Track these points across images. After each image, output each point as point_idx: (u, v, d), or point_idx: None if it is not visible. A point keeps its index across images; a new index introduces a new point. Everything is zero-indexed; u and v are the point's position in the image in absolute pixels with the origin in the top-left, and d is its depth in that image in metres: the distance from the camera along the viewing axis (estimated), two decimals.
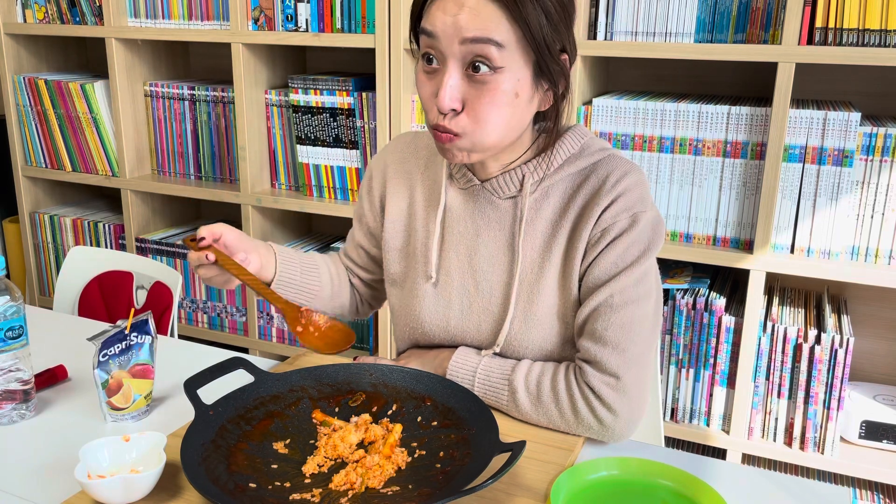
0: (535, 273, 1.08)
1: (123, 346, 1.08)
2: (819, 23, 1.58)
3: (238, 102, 2.16)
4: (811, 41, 1.60)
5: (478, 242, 1.11)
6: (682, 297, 1.81)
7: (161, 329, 1.66)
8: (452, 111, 0.97)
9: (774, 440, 1.80)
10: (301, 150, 2.15)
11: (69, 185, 2.70)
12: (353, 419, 1.03)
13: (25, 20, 2.45)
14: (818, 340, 1.71)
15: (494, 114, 0.97)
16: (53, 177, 2.54)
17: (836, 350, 1.69)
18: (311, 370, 1.10)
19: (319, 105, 2.09)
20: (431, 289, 1.15)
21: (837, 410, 1.72)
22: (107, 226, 2.52)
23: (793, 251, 1.72)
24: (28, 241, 2.63)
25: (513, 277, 1.09)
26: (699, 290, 1.84)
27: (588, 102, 1.85)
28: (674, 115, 1.74)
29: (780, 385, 1.76)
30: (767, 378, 1.77)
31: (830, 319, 1.77)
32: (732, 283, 1.95)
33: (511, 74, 0.95)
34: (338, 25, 2.03)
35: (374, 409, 1.06)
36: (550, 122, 1.05)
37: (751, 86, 1.94)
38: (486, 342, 1.12)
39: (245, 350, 2.32)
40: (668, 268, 1.92)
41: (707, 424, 1.86)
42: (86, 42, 2.72)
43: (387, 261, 1.21)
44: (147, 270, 1.77)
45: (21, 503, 0.92)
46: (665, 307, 1.81)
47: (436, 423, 1.01)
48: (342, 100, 2.06)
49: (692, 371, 1.84)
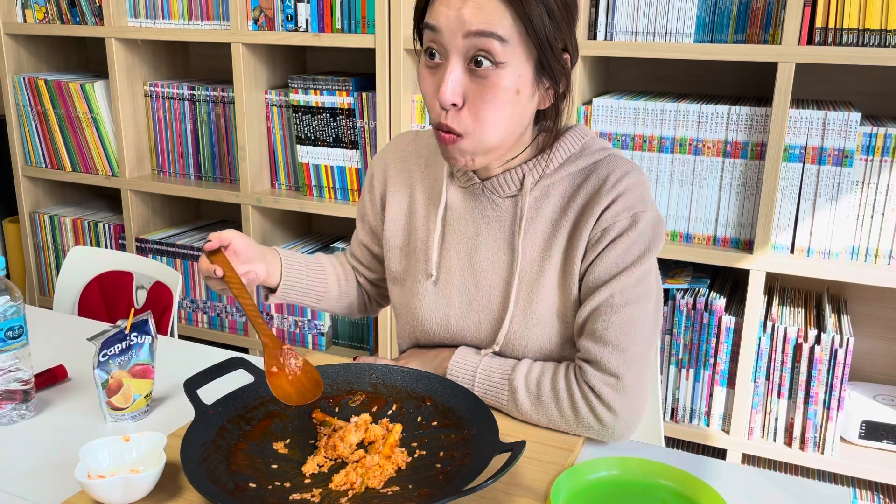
0: (535, 272, 1.08)
1: (123, 346, 1.08)
2: (819, 23, 1.58)
3: (238, 102, 2.16)
4: (811, 41, 1.60)
5: (478, 241, 1.12)
6: (682, 297, 1.81)
7: (161, 329, 1.66)
8: (454, 106, 0.97)
9: (774, 440, 1.80)
10: (301, 150, 2.15)
11: (69, 185, 2.70)
12: (353, 419, 1.03)
13: (25, 20, 2.45)
14: (818, 340, 1.71)
15: (495, 111, 0.97)
16: (53, 177, 2.54)
17: (836, 350, 1.69)
18: None
19: (319, 105, 2.09)
20: (432, 287, 1.15)
21: (837, 410, 1.72)
22: (107, 226, 2.52)
23: (793, 251, 1.72)
24: (28, 241, 2.63)
25: (512, 276, 1.09)
26: (699, 290, 1.84)
27: (588, 102, 1.85)
28: (674, 115, 1.74)
29: (780, 385, 1.76)
30: (767, 378, 1.77)
31: (830, 319, 1.77)
32: (732, 283, 1.95)
33: (513, 70, 0.95)
34: (338, 25, 2.03)
35: (374, 409, 1.06)
36: (550, 122, 1.05)
37: (751, 86, 1.94)
38: (486, 340, 1.12)
39: (245, 350, 2.33)
40: (668, 268, 1.92)
41: (707, 424, 1.86)
42: (86, 42, 2.72)
43: (388, 259, 1.22)
44: (147, 270, 1.77)
45: (21, 503, 0.92)
46: (665, 307, 1.81)
47: (436, 423, 1.01)
48: (342, 100, 2.06)
49: (692, 371, 1.84)
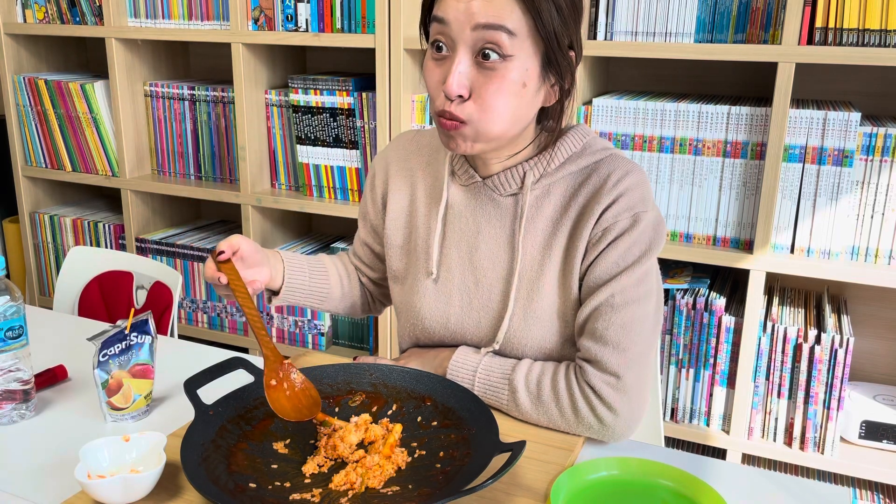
0: (536, 271, 1.08)
1: (123, 346, 1.08)
2: (819, 23, 1.58)
3: (238, 102, 2.16)
4: (811, 41, 1.60)
5: (478, 239, 1.12)
6: (682, 297, 1.81)
7: (161, 329, 1.66)
8: (459, 97, 0.97)
9: (774, 440, 1.80)
10: (301, 150, 2.15)
11: (69, 185, 2.70)
12: (353, 419, 1.03)
13: (25, 20, 2.45)
14: (818, 340, 1.71)
15: (501, 102, 0.97)
16: (53, 177, 2.54)
17: (836, 350, 1.69)
18: (312, 370, 1.10)
19: (319, 105, 2.09)
20: (432, 285, 1.15)
21: (837, 410, 1.72)
22: (107, 226, 2.52)
23: (793, 251, 1.72)
24: (28, 241, 2.63)
25: (513, 274, 1.09)
26: (699, 290, 1.84)
27: (588, 102, 1.85)
28: (674, 115, 1.74)
29: (780, 385, 1.76)
30: (767, 378, 1.77)
31: (830, 319, 1.77)
32: (732, 283, 1.95)
33: (520, 63, 0.96)
34: (338, 25, 2.03)
35: (374, 409, 1.06)
36: (553, 120, 1.05)
37: (751, 86, 1.94)
38: (486, 338, 1.12)
39: (245, 350, 2.32)
40: (668, 268, 1.92)
41: (707, 424, 1.86)
42: (86, 42, 2.72)
43: (389, 257, 1.22)
44: (147, 270, 1.77)
45: (21, 503, 0.92)
46: (665, 307, 1.81)
47: (436, 423, 1.01)
48: (342, 100, 2.06)
49: (692, 371, 1.84)
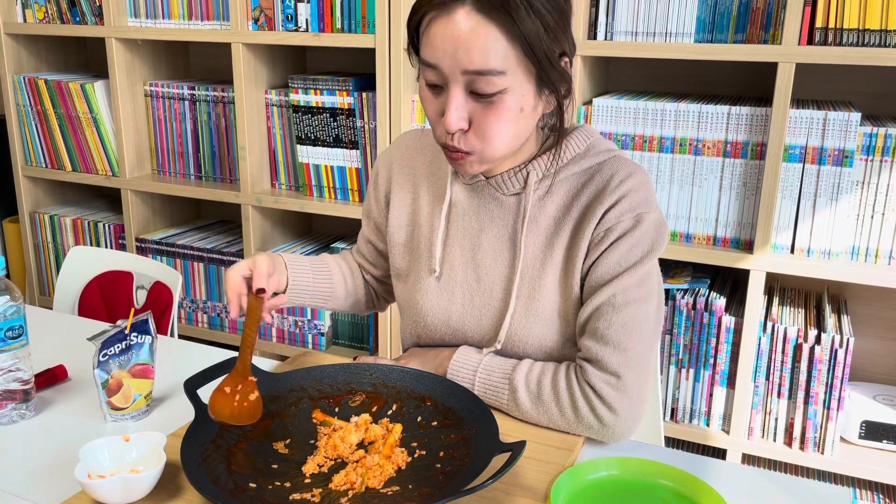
0: (537, 270, 1.09)
1: (123, 346, 1.08)
2: (819, 23, 1.58)
3: (238, 102, 2.16)
4: (811, 41, 1.60)
5: (481, 237, 1.12)
6: (682, 297, 1.81)
7: (161, 329, 1.66)
8: (460, 130, 0.98)
9: (774, 440, 1.80)
10: (301, 150, 2.15)
11: (69, 185, 2.70)
12: (353, 419, 1.03)
13: (25, 20, 2.45)
14: (818, 340, 1.71)
15: (501, 130, 0.98)
16: (53, 177, 2.54)
17: (836, 350, 1.69)
18: (311, 370, 1.10)
19: (319, 105, 2.09)
20: (434, 282, 1.16)
21: (837, 410, 1.72)
22: (107, 226, 2.52)
23: (793, 251, 1.72)
24: (28, 241, 2.63)
25: (514, 273, 1.09)
26: (699, 290, 1.84)
27: (588, 102, 1.85)
28: (674, 115, 1.74)
29: (780, 385, 1.76)
30: (767, 378, 1.77)
31: (830, 319, 1.77)
32: (732, 283, 1.95)
33: (515, 93, 0.96)
34: (338, 25, 2.03)
35: (374, 409, 1.06)
36: (556, 121, 1.05)
37: (751, 86, 1.94)
38: (487, 336, 1.13)
39: None
40: (668, 268, 1.92)
41: (707, 424, 1.86)
42: (86, 42, 2.72)
43: (392, 255, 1.23)
44: (147, 270, 1.77)
45: (21, 503, 0.92)
46: (665, 307, 1.80)
47: (436, 423, 1.01)
48: (342, 100, 2.06)
49: (692, 371, 1.84)
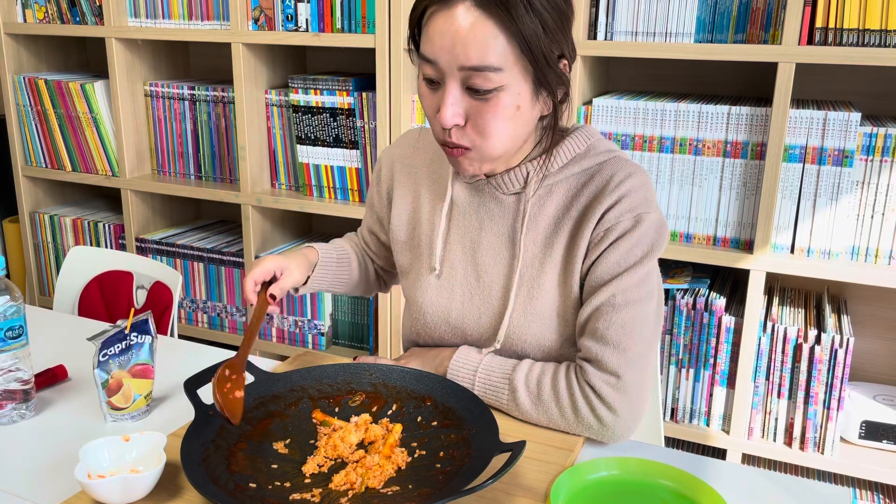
0: (536, 269, 1.09)
1: (123, 346, 1.08)
2: (819, 23, 1.58)
3: (238, 102, 2.16)
4: (811, 41, 1.60)
5: (481, 236, 1.13)
6: (682, 297, 1.81)
7: (161, 329, 1.66)
8: (456, 126, 0.99)
9: (774, 440, 1.80)
10: (301, 150, 2.15)
11: (69, 185, 2.70)
12: (353, 419, 1.03)
13: (25, 20, 2.45)
14: (818, 340, 1.71)
15: (498, 127, 0.99)
16: (53, 177, 2.54)
17: (836, 350, 1.69)
18: (311, 370, 1.10)
19: (319, 105, 2.09)
20: (435, 280, 1.17)
21: (837, 410, 1.72)
22: (107, 226, 2.52)
23: (793, 251, 1.72)
24: (28, 241, 2.63)
25: (513, 272, 1.10)
26: (699, 290, 1.84)
27: (588, 102, 1.85)
28: (674, 115, 1.74)
29: (780, 385, 1.76)
30: (767, 378, 1.77)
31: (830, 319, 1.77)
32: (732, 283, 1.95)
33: (511, 90, 0.97)
34: (338, 25, 2.03)
35: (374, 409, 1.06)
36: (553, 122, 1.06)
37: (751, 86, 1.94)
38: (487, 334, 1.13)
39: None
40: (668, 268, 1.92)
41: (707, 424, 1.86)
42: (86, 42, 2.72)
43: (394, 252, 1.25)
44: (147, 270, 1.77)
45: (21, 503, 0.92)
46: (665, 307, 1.80)
47: (436, 423, 1.01)
48: (342, 100, 2.06)
49: (692, 371, 1.84)
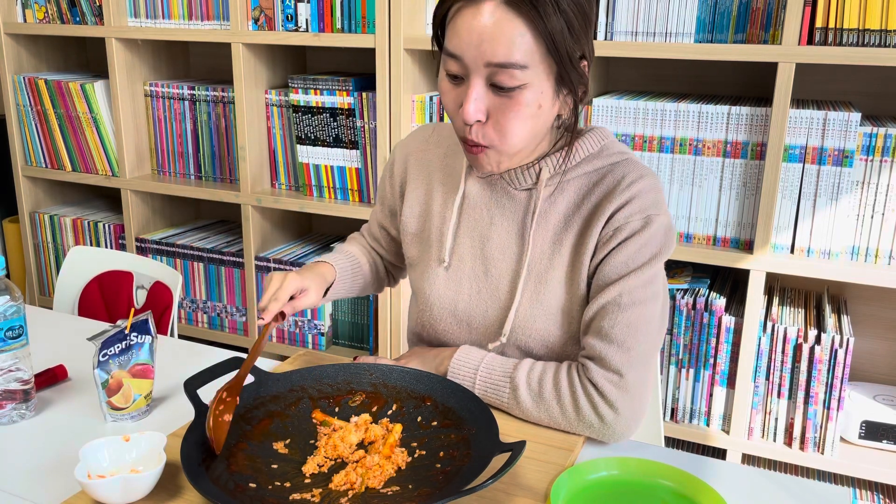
0: (544, 265, 1.10)
1: (123, 346, 1.08)
2: (819, 23, 1.58)
3: (238, 102, 2.16)
4: (811, 41, 1.60)
5: (491, 230, 1.14)
6: (682, 297, 1.81)
7: (161, 329, 1.66)
8: (477, 122, 1.00)
9: (774, 440, 1.80)
10: (301, 150, 2.15)
11: (69, 185, 2.70)
12: (353, 419, 1.03)
13: (25, 20, 2.45)
14: (818, 340, 1.71)
15: (518, 125, 1.00)
16: (53, 177, 2.54)
17: (836, 350, 1.69)
18: (311, 370, 1.10)
19: (319, 105, 2.09)
20: (443, 272, 1.18)
21: (837, 410, 1.72)
22: (107, 226, 2.52)
23: (793, 251, 1.72)
24: (28, 241, 2.63)
25: (521, 266, 1.11)
26: (699, 290, 1.84)
27: (588, 102, 1.85)
28: (674, 115, 1.74)
29: (780, 385, 1.76)
30: (767, 378, 1.77)
31: (830, 319, 1.77)
32: (732, 283, 1.95)
33: (534, 88, 0.98)
34: (338, 25, 2.03)
35: (374, 409, 1.06)
36: (571, 121, 1.07)
37: (751, 86, 1.94)
38: (492, 328, 1.14)
39: (245, 350, 2.32)
40: (668, 268, 1.92)
41: (707, 424, 1.86)
42: (86, 42, 2.72)
43: (404, 244, 1.26)
44: (147, 270, 1.77)
45: (21, 503, 0.92)
46: None
47: (436, 423, 1.01)
48: (342, 100, 2.06)
49: (692, 371, 1.84)
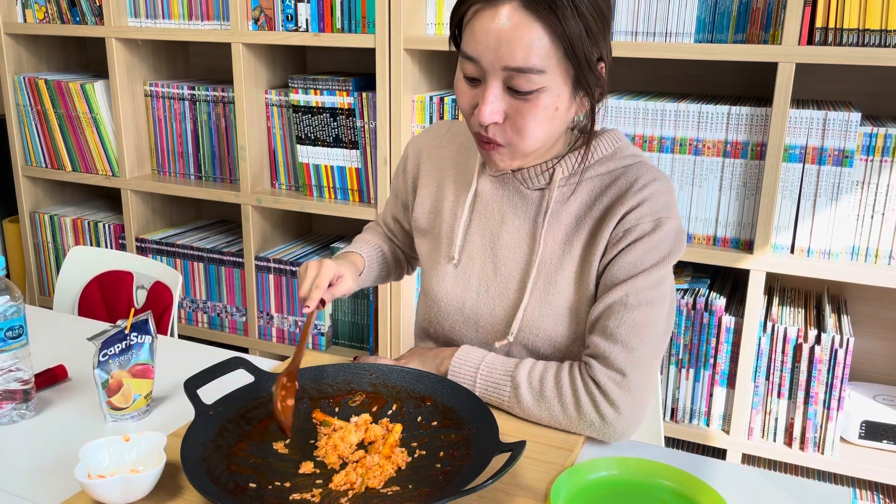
0: (554, 264, 1.10)
1: (123, 346, 1.08)
2: (819, 23, 1.58)
3: (238, 102, 2.16)
4: (811, 41, 1.60)
5: (502, 229, 1.15)
6: (682, 297, 1.81)
7: (161, 329, 1.66)
8: (494, 123, 1.00)
9: (774, 440, 1.80)
10: (301, 150, 2.15)
11: (69, 185, 2.70)
12: (353, 419, 1.03)
13: (25, 20, 2.45)
14: (818, 340, 1.71)
15: (535, 127, 1.00)
16: (53, 177, 2.54)
17: (836, 350, 1.69)
18: (311, 370, 1.10)
19: (319, 105, 2.09)
20: (452, 269, 1.18)
21: (837, 410, 1.72)
22: (107, 226, 2.52)
23: (793, 251, 1.72)
24: (28, 241, 2.63)
25: (531, 266, 1.11)
26: (699, 290, 1.84)
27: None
28: (674, 115, 1.74)
29: (780, 385, 1.76)
30: (767, 378, 1.77)
31: (830, 319, 1.77)
32: (732, 283, 1.95)
33: (552, 92, 0.98)
34: (338, 25, 2.03)
35: (374, 409, 1.06)
36: (586, 122, 1.07)
37: (751, 86, 1.94)
38: (500, 326, 1.14)
39: (245, 350, 2.32)
40: None
41: (707, 424, 1.86)
42: (86, 42, 2.72)
43: (416, 241, 1.27)
44: (147, 270, 1.77)
45: (21, 503, 0.92)
46: None
47: (436, 423, 1.01)
48: (342, 100, 2.06)
49: (692, 371, 1.84)
